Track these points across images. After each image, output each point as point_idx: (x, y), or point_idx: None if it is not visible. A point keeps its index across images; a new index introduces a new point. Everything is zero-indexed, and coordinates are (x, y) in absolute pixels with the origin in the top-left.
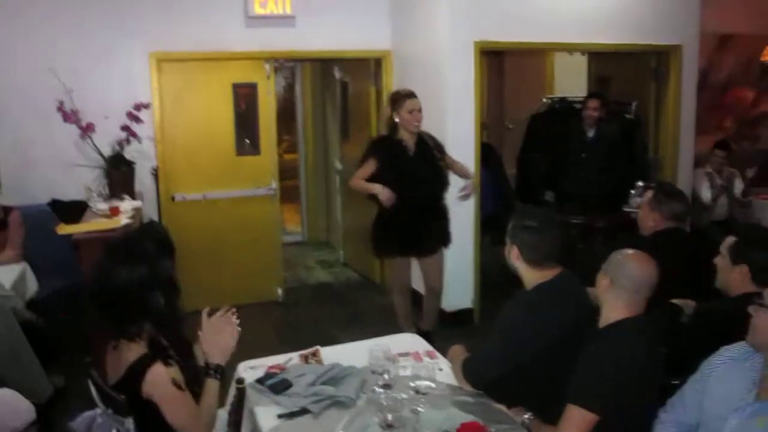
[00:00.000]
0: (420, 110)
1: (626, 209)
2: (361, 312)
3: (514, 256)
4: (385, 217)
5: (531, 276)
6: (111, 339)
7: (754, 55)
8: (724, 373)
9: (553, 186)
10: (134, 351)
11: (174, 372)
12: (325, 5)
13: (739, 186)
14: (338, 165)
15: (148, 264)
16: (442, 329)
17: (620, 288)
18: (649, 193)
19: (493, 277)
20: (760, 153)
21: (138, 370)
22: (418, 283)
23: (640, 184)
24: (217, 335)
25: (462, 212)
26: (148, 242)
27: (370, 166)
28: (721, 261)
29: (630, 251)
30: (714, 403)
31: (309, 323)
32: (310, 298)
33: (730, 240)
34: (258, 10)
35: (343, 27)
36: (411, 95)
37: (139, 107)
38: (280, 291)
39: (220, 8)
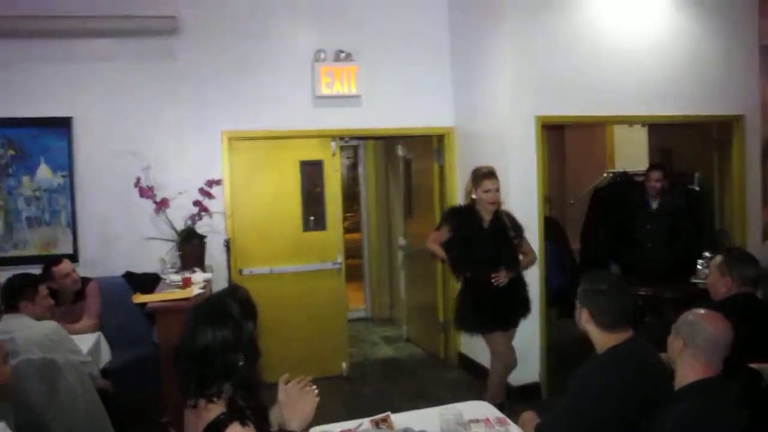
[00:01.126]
0: (497, 190)
1: (694, 281)
2: (426, 387)
3: (584, 320)
4: (474, 290)
5: (602, 339)
6: (190, 398)
7: None
8: None
9: (619, 258)
10: (213, 411)
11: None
12: (390, 85)
13: None
14: (402, 241)
15: (232, 326)
16: (509, 404)
17: (695, 348)
18: (720, 258)
19: (561, 351)
20: None
21: (215, 429)
22: (480, 357)
23: (708, 254)
24: (297, 402)
25: (529, 285)
26: (233, 305)
27: (444, 233)
28: None
29: (702, 311)
30: None
31: (375, 397)
32: (375, 373)
33: None
34: (325, 91)
35: (406, 105)
36: (488, 175)
37: (211, 183)
38: (344, 365)
39: (289, 89)
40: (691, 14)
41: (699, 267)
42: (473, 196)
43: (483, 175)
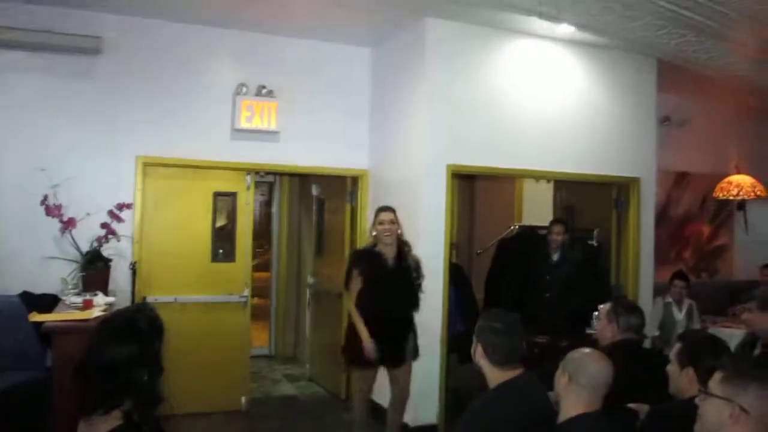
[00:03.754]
0: (391, 221)
1: (589, 331)
2: (326, 427)
3: (479, 354)
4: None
5: (494, 375)
6: (86, 411)
7: (708, 192)
8: None
9: (519, 307)
10: (109, 423)
11: None
12: (309, 123)
13: (697, 318)
14: (311, 280)
15: (139, 341)
16: None
17: (578, 385)
18: (608, 306)
19: (460, 395)
20: (717, 285)
21: None
22: (380, 397)
23: (602, 307)
24: None
25: (429, 329)
26: (142, 320)
27: (357, 282)
28: (671, 367)
29: (587, 350)
30: None
31: None
32: (274, 411)
33: (677, 346)
34: (244, 124)
35: (323, 145)
36: (384, 209)
37: (121, 207)
38: (244, 400)
39: (208, 119)
40: (601, 88)
41: (594, 318)
42: (374, 233)
43: (379, 210)
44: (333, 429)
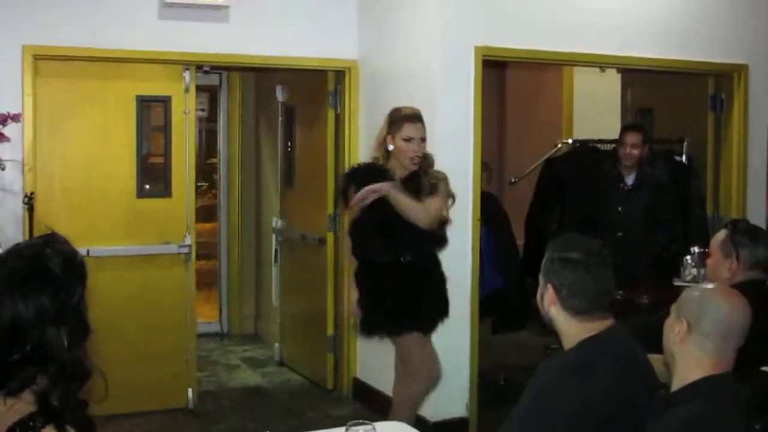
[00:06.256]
0: (422, 140)
1: (678, 283)
2: (307, 425)
3: (549, 300)
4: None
5: (572, 329)
6: None
7: None
8: None
9: None
10: (16, 411)
11: None
12: None
13: None
14: (277, 223)
15: (52, 289)
16: None
17: (702, 335)
18: (723, 234)
19: (495, 378)
20: None
21: None
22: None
23: (697, 249)
24: None
25: (454, 287)
26: (54, 259)
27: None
28: None
29: (712, 286)
30: None
31: None
32: (233, 407)
33: None
34: None
35: (293, 27)
36: (411, 118)
37: (4, 119)
38: (191, 395)
39: None
40: None
41: (685, 264)
42: (389, 147)
43: (406, 117)
44: (318, 428)
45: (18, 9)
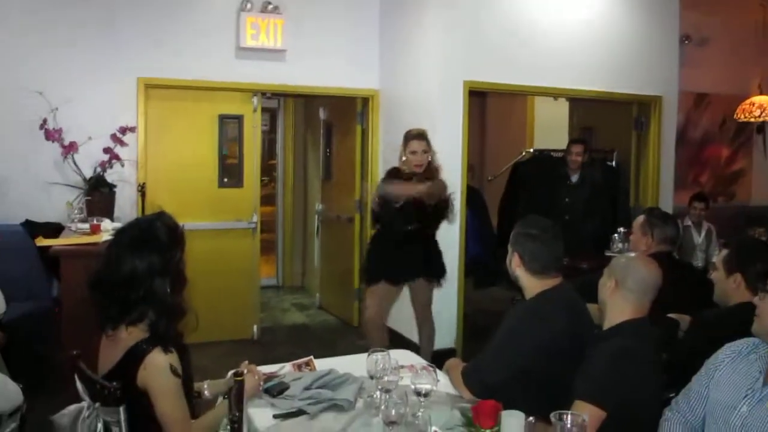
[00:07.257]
0: (424, 152)
1: (608, 254)
2: (339, 352)
3: (515, 264)
4: (378, 241)
5: (532, 284)
6: (110, 324)
7: (728, 114)
8: (730, 366)
9: None
10: (134, 336)
11: (173, 359)
12: (315, 41)
13: (715, 241)
14: (319, 206)
15: (159, 251)
16: None
17: (627, 290)
18: (642, 218)
19: (475, 320)
20: (734, 209)
21: (136, 354)
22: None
23: (623, 229)
24: None
25: (447, 252)
26: (161, 229)
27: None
28: (717, 274)
29: (634, 254)
30: (721, 394)
31: (287, 359)
32: (285, 339)
33: (723, 253)
34: (249, 42)
35: (331, 64)
36: (417, 136)
37: (124, 130)
38: (255, 329)
39: (212, 38)
40: (622, 1)
41: (614, 240)
42: (403, 158)
43: (411, 136)
44: (347, 354)
45: (134, 51)
